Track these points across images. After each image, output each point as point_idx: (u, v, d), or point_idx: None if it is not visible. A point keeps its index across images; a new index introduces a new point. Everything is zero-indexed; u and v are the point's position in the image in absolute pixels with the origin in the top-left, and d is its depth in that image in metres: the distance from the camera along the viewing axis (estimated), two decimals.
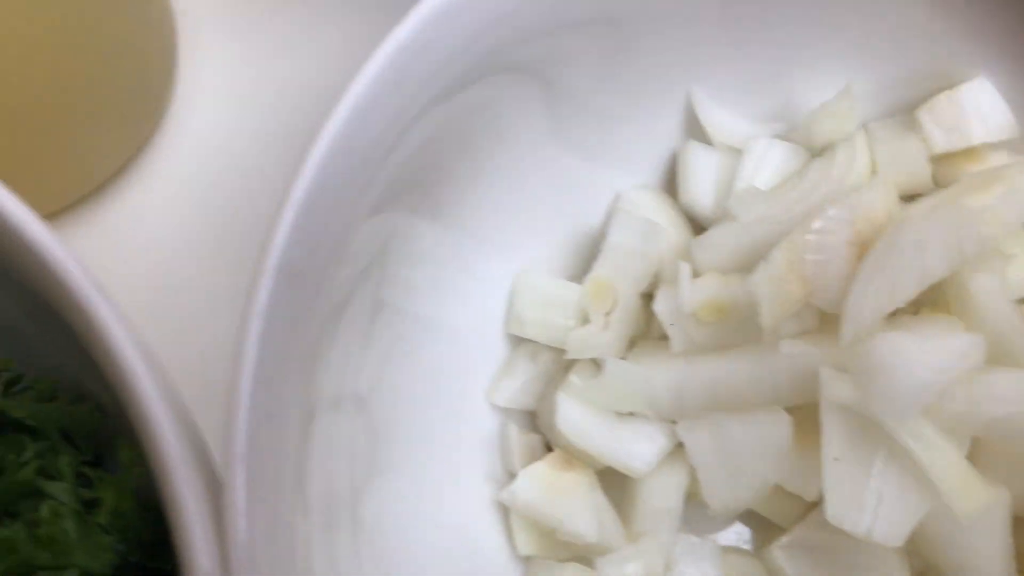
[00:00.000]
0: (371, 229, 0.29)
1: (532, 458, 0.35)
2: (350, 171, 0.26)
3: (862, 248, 0.32)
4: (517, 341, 0.35)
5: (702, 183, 0.35)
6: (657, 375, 0.33)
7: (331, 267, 0.27)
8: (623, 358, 0.34)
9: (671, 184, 0.37)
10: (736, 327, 0.33)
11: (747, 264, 0.33)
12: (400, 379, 0.32)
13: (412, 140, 0.29)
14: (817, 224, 0.31)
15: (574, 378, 0.33)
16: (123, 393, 0.24)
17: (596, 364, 0.34)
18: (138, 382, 0.24)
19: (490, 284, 0.35)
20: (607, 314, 0.34)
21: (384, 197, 0.29)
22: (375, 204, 0.29)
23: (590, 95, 0.34)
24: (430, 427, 0.33)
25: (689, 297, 0.32)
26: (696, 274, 0.33)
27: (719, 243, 0.33)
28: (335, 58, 0.42)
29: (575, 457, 0.34)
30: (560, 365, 0.35)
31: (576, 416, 0.33)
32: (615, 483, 0.34)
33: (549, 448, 0.35)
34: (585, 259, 0.36)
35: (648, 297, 0.35)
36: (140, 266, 0.39)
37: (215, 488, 0.24)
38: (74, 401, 0.30)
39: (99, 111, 0.38)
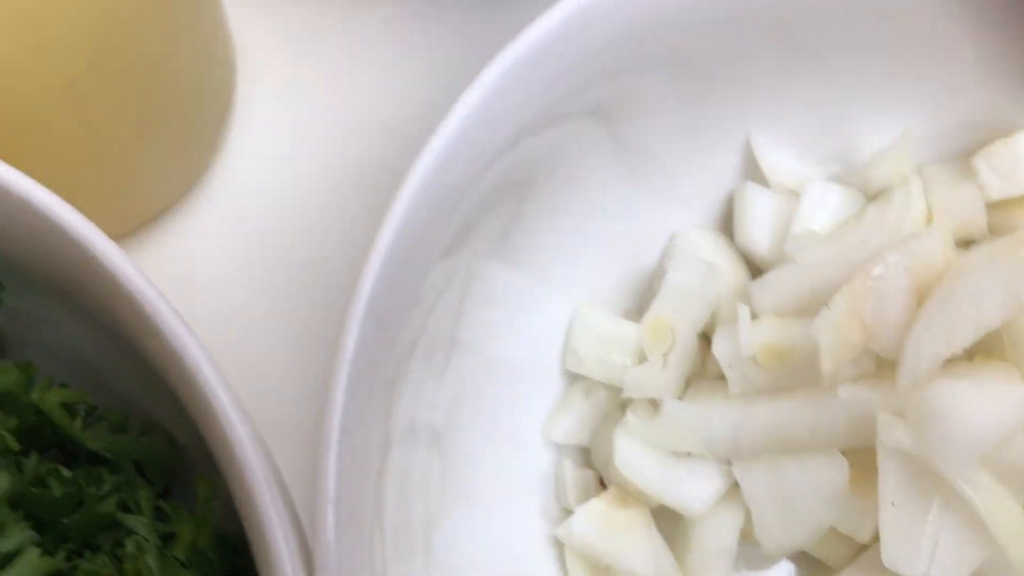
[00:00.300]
0: (444, 270, 0.29)
1: (586, 494, 0.35)
2: (430, 216, 0.27)
3: (920, 295, 0.32)
4: (573, 377, 0.36)
5: (758, 224, 0.36)
6: (714, 416, 0.33)
7: (408, 308, 0.27)
8: (679, 397, 0.34)
9: (726, 224, 0.37)
10: (793, 370, 0.33)
11: (805, 307, 0.34)
12: (470, 414, 0.33)
13: (485, 182, 0.30)
14: (877, 271, 0.32)
15: (631, 417, 0.34)
16: (209, 429, 0.25)
17: (652, 403, 0.34)
18: (225, 418, 0.24)
19: (547, 319, 0.36)
20: (665, 354, 0.34)
21: (457, 239, 0.30)
22: (448, 246, 0.29)
23: (654, 135, 0.35)
24: (493, 461, 0.34)
25: (748, 340, 0.33)
26: (753, 315, 0.34)
27: (777, 286, 0.34)
28: (388, 89, 0.43)
29: (630, 495, 0.34)
30: (615, 402, 0.35)
31: (633, 455, 0.33)
32: (669, 521, 0.34)
33: (603, 484, 0.35)
34: (639, 295, 0.37)
35: (704, 336, 0.35)
36: (194, 297, 0.40)
37: (295, 521, 0.25)
38: (144, 432, 0.31)
39: (160, 142, 0.39)
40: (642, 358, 0.35)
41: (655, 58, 0.32)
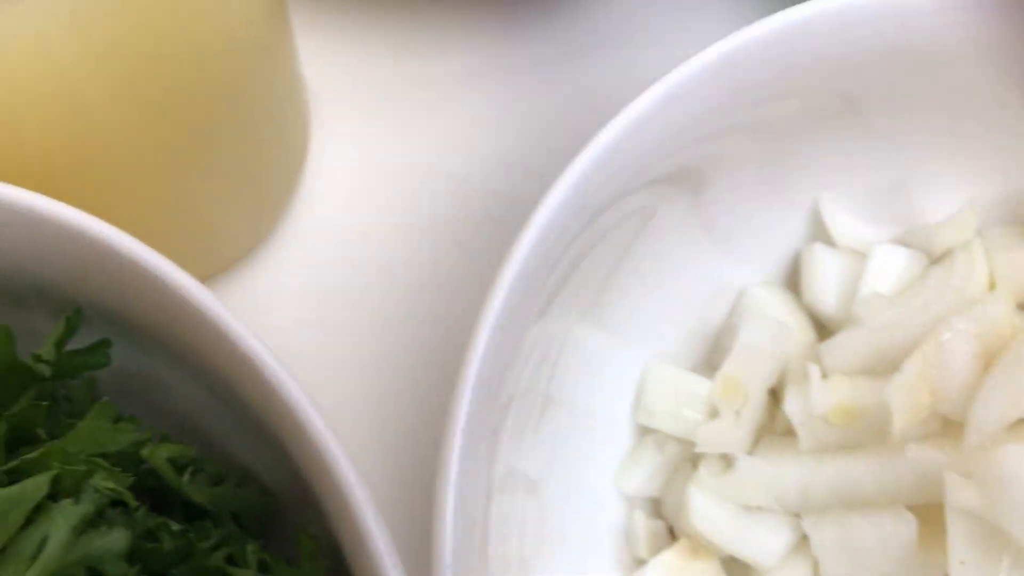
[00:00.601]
0: (539, 329, 0.31)
1: (657, 544, 0.36)
2: (535, 277, 0.28)
3: (987, 359, 0.33)
4: (644, 430, 0.37)
5: (825, 284, 0.37)
6: (785, 471, 0.34)
7: (509, 365, 0.29)
8: (749, 452, 0.35)
9: (790, 281, 0.38)
10: (862, 428, 0.34)
11: (872, 367, 0.35)
12: (557, 464, 0.34)
13: (574, 249, 0.31)
14: (945, 336, 0.33)
15: (705, 472, 0.35)
16: (324, 485, 0.26)
17: (723, 457, 0.35)
18: (341, 475, 0.25)
19: (619, 373, 0.37)
20: (737, 410, 0.35)
21: (551, 299, 0.31)
22: (544, 306, 0.30)
23: (727, 195, 0.36)
24: (575, 510, 0.35)
25: (820, 400, 0.34)
26: (822, 374, 0.35)
27: (846, 347, 0.35)
28: (458, 138, 0.44)
29: (701, 546, 0.35)
30: (685, 455, 0.36)
31: (707, 508, 0.35)
32: (737, 573, 0.35)
33: (673, 535, 0.36)
34: (706, 350, 0.38)
35: (771, 391, 0.36)
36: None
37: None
38: (241, 483, 0.32)
39: (238, 190, 0.40)
40: (713, 413, 0.36)
41: (737, 125, 0.34)
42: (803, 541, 0.35)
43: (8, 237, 0.29)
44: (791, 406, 0.34)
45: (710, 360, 0.38)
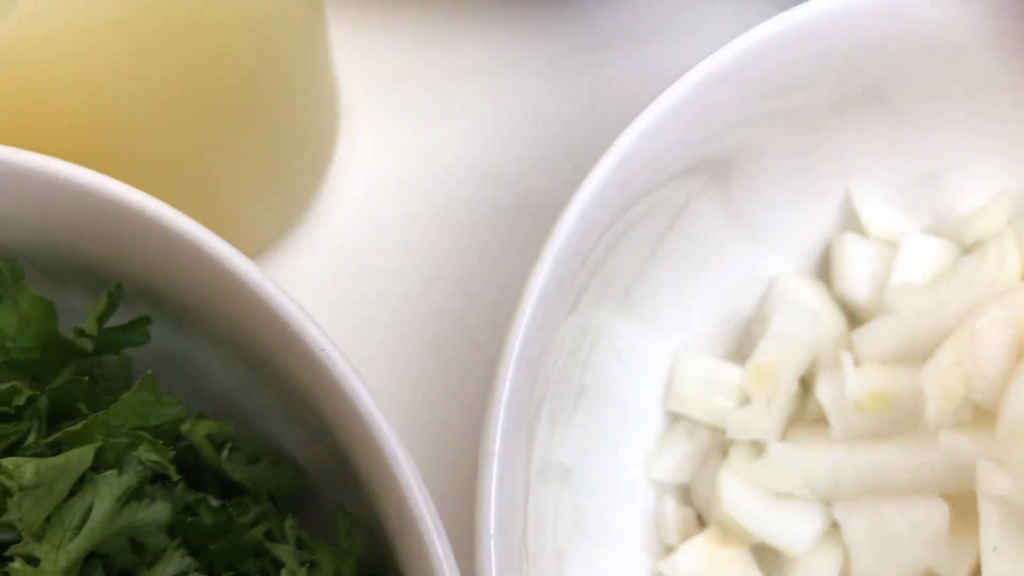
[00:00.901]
0: (574, 319, 0.31)
1: (686, 531, 0.36)
2: (569, 268, 0.28)
3: (1020, 349, 0.33)
4: (674, 417, 0.37)
5: (857, 274, 0.37)
6: (816, 459, 0.34)
7: (545, 355, 0.29)
8: (779, 440, 0.35)
9: (821, 270, 0.39)
10: (894, 415, 0.34)
11: (904, 355, 0.35)
12: (591, 454, 0.34)
13: (607, 240, 0.31)
14: (980, 324, 0.33)
15: (736, 459, 0.35)
16: (373, 465, 0.26)
17: (753, 444, 0.35)
18: (391, 452, 0.25)
19: (650, 361, 0.37)
20: (768, 398, 0.35)
21: (580, 294, 0.31)
22: (577, 297, 0.31)
23: (758, 184, 0.36)
24: (607, 497, 0.35)
25: (852, 387, 0.34)
26: (855, 362, 0.35)
27: (879, 335, 0.35)
28: (483, 130, 0.45)
29: (731, 533, 0.35)
30: (715, 442, 0.36)
31: (738, 495, 0.35)
32: (766, 560, 0.35)
33: (701, 522, 0.37)
34: (735, 338, 0.38)
35: (800, 380, 0.37)
36: None
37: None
38: (275, 462, 0.32)
39: (267, 178, 0.40)
40: (743, 400, 0.36)
41: (769, 114, 0.34)
42: (833, 528, 0.35)
43: (49, 211, 0.29)
44: (824, 393, 0.35)
45: (739, 348, 0.38)
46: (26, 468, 0.25)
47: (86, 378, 0.29)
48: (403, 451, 0.25)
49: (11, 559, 0.26)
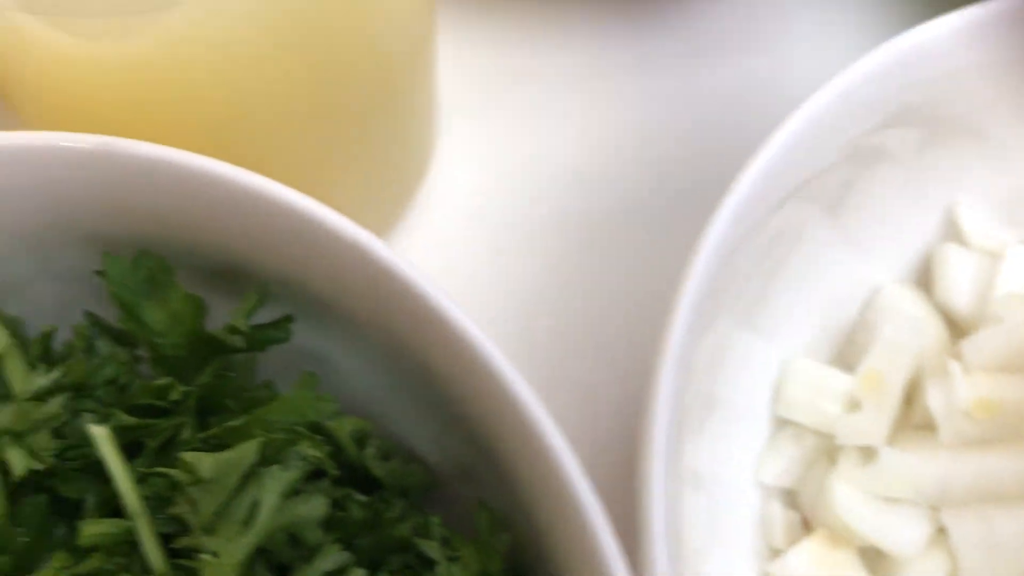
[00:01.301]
0: (713, 329, 0.32)
1: (792, 534, 0.37)
2: (714, 282, 0.29)
3: None
4: (780, 422, 0.38)
5: (959, 283, 0.38)
6: (926, 465, 0.35)
7: (687, 363, 0.29)
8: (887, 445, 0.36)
9: (920, 279, 0.39)
10: (1002, 423, 0.35)
11: (1011, 365, 0.36)
12: (717, 459, 0.35)
13: (740, 253, 0.32)
14: None
15: (846, 464, 0.36)
16: (536, 466, 0.26)
17: (861, 449, 0.36)
18: (551, 443, 0.26)
19: (758, 367, 0.38)
20: (878, 404, 0.36)
21: (716, 310, 0.32)
22: (711, 318, 0.31)
23: (867, 194, 0.37)
24: (723, 502, 0.35)
25: (962, 395, 0.35)
26: (963, 371, 0.36)
27: (987, 344, 0.36)
28: (580, 135, 0.45)
29: (839, 536, 0.36)
30: (821, 448, 0.37)
31: (849, 499, 0.35)
32: (874, 563, 0.36)
33: (806, 525, 0.37)
34: (837, 345, 0.39)
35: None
36: None
37: None
38: (407, 459, 0.33)
39: (373, 180, 0.40)
40: (851, 406, 0.37)
41: (890, 125, 0.35)
42: (941, 533, 0.35)
43: (193, 207, 0.30)
44: (934, 400, 0.35)
45: (840, 355, 0.39)
46: (204, 462, 0.25)
47: (233, 375, 0.30)
48: (571, 456, 0.25)
49: (178, 551, 0.27)
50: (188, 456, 0.25)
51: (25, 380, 0.29)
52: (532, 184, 0.44)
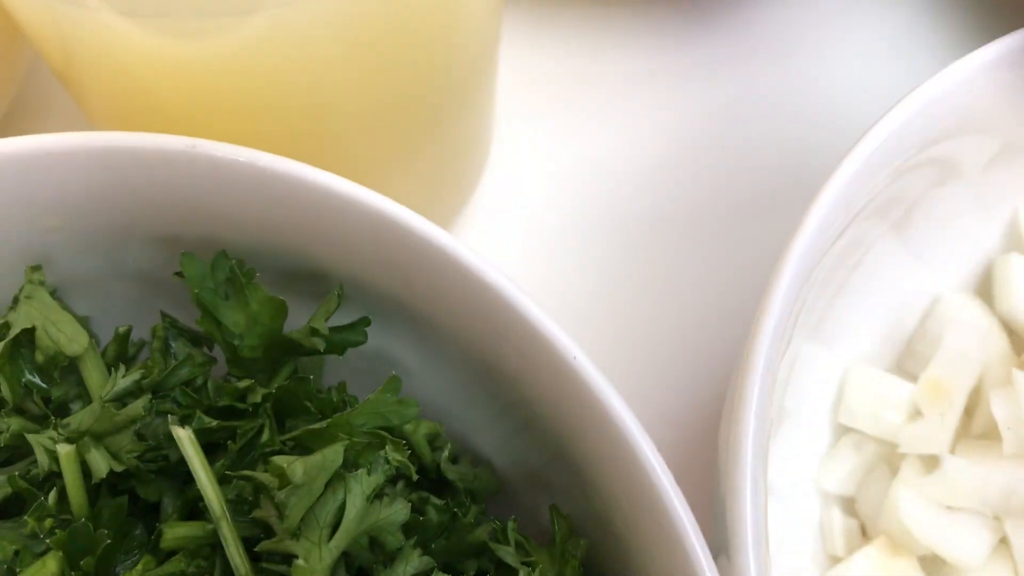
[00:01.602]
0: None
1: (851, 542, 0.37)
2: (794, 297, 0.29)
3: None
4: (841, 429, 0.38)
5: (1021, 293, 0.38)
6: (990, 474, 0.35)
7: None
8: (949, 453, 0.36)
9: (981, 289, 0.39)
10: None
11: None
12: (786, 468, 0.35)
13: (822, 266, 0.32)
14: None
15: (909, 472, 0.36)
16: (624, 469, 0.26)
17: (922, 459, 0.36)
18: (646, 456, 0.26)
19: (820, 375, 0.38)
20: (941, 413, 0.36)
21: (794, 326, 0.32)
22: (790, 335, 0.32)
23: (936, 205, 0.37)
24: (785, 508, 0.35)
25: None
26: None
27: None
28: (632, 138, 0.45)
29: (900, 544, 0.36)
30: (881, 455, 0.37)
31: (912, 507, 0.35)
32: (933, 572, 0.36)
33: (864, 532, 0.37)
34: (896, 353, 0.39)
35: None
36: None
37: None
38: (474, 463, 0.33)
39: (434, 181, 0.40)
40: (913, 415, 0.37)
41: (954, 143, 0.35)
42: (1003, 543, 0.35)
43: (272, 209, 0.30)
44: (998, 410, 0.35)
45: (900, 364, 0.39)
46: (296, 466, 0.25)
47: (310, 377, 0.30)
48: (663, 465, 0.25)
49: (258, 555, 0.27)
50: (280, 460, 0.25)
51: (104, 381, 0.29)
52: (587, 187, 0.44)
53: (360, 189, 0.29)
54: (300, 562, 0.25)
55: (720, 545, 0.27)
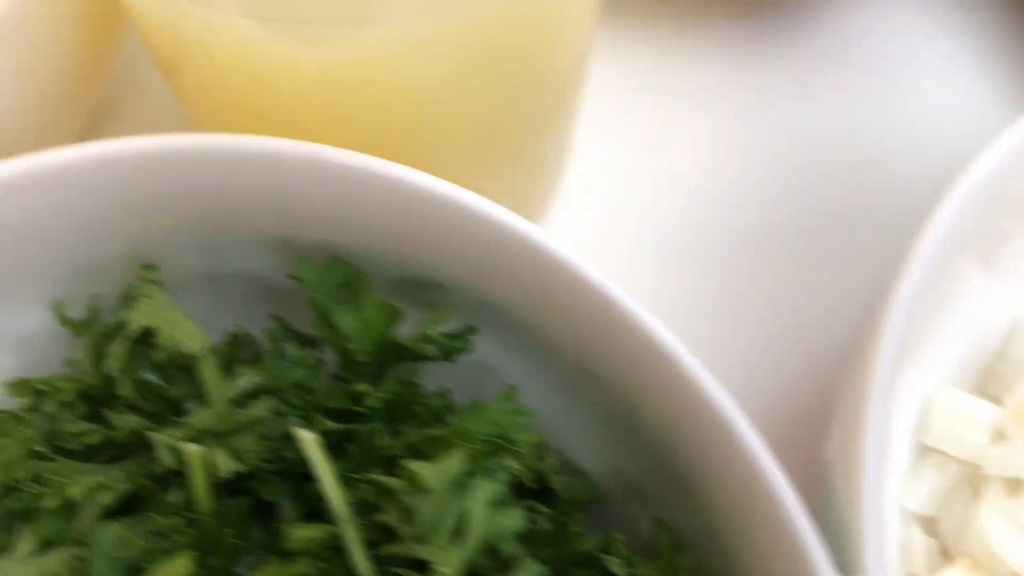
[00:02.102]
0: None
1: (931, 562, 0.37)
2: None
3: None
4: (923, 449, 0.38)
5: None
6: None
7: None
8: None
9: None
10: None
11: None
12: None
13: None
14: None
15: (993, 494, 0.36)
16: (743, 476, 0.26)
17: (1006, 481, 0.36)
18: (768, 471, 0.26)
19: (905, 395, 0.38)
20: None
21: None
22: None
23: (1008, 219, 0.37)
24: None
25: None
26: None
27: None
28: (708, 152, 0.46)
29: (984, 566, 0.36)
30: (964, 477, 0.37)
31: (998, 529, 0.35)
32: None
33: (944, 553, 0.37)
34: (978, 374, 0.39)
35: None
36: None
37: None
38: (573, 472, 0.33)
39: (520, 192, 0.41)
40: (997, 437, 0.37)
41: None
42: None
43: (386, 216, 0.30)
44: None
45: (981, 386, 0.39)
46: (428, 471, 0.25)
47: (419, 382, 0.30)
48: (787, 482, 0.26)
49: (381, 559, 0.27)
50: (414, 466, 0.25)
51: (221, 381, 0.29)
52: (665, 201, 0.44)
53: (478, 198, 0.29)
54: (440, 567, 0.25)
55: (842, 566, 0.27)
